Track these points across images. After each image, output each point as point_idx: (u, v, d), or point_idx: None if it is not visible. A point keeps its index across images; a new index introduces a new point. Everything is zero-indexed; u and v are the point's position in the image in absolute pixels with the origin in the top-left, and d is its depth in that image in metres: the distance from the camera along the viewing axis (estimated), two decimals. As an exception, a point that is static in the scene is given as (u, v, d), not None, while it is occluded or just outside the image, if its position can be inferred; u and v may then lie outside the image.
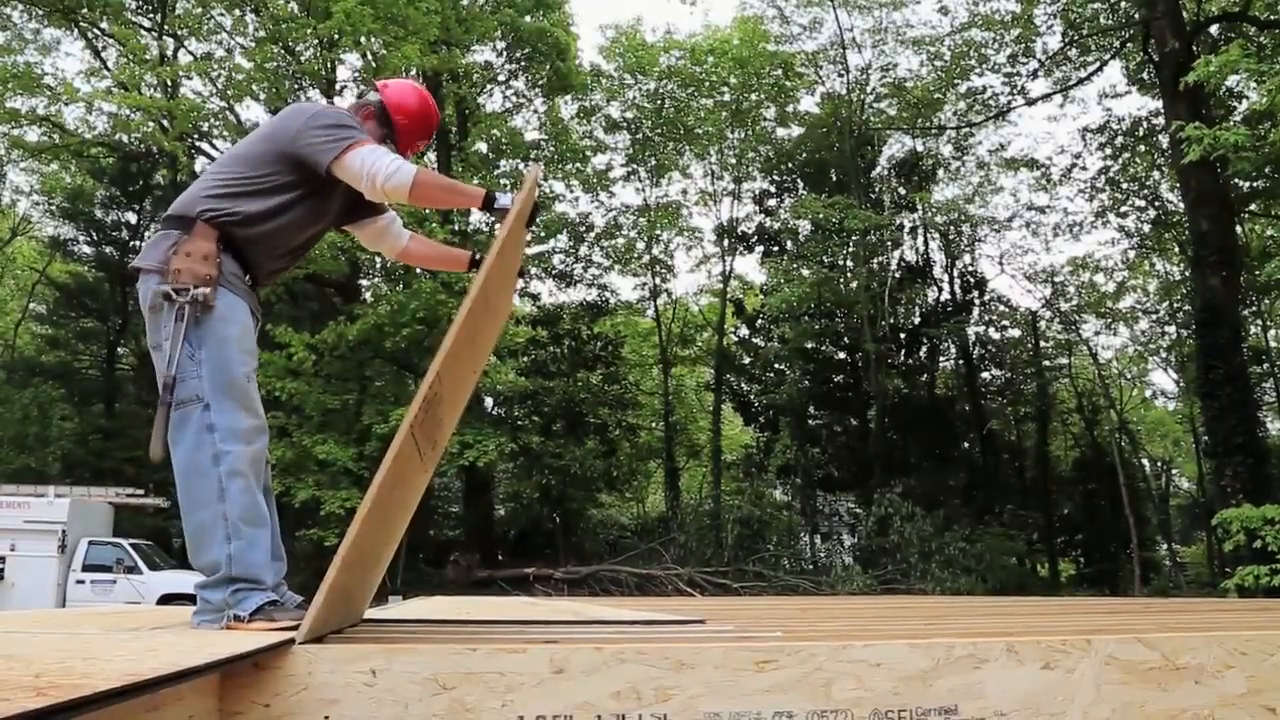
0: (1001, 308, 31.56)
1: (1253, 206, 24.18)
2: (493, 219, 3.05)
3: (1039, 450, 30.42)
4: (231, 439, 2.74)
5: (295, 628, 2.35)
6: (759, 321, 31.48)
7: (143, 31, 24.65)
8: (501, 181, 27.37)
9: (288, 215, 2.99)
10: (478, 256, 3.43)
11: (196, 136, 24.42)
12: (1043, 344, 31.28)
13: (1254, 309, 27.00)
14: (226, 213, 2.89)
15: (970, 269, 31.35)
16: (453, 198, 3.28)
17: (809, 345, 29.87)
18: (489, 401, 27.41)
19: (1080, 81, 26.73)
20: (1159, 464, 38.10)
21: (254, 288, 3.02)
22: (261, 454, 2.84)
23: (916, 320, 30.78)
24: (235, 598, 2.67)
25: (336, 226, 3.40)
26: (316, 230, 3.22)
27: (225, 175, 2.96)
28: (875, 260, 29.00)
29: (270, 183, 2.95)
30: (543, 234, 28.65)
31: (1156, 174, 27.51)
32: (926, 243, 31.20)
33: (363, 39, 23.29)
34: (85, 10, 23.56)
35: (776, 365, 30.75)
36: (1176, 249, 27.62)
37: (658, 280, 31.06)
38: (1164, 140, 24.00)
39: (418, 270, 23.11)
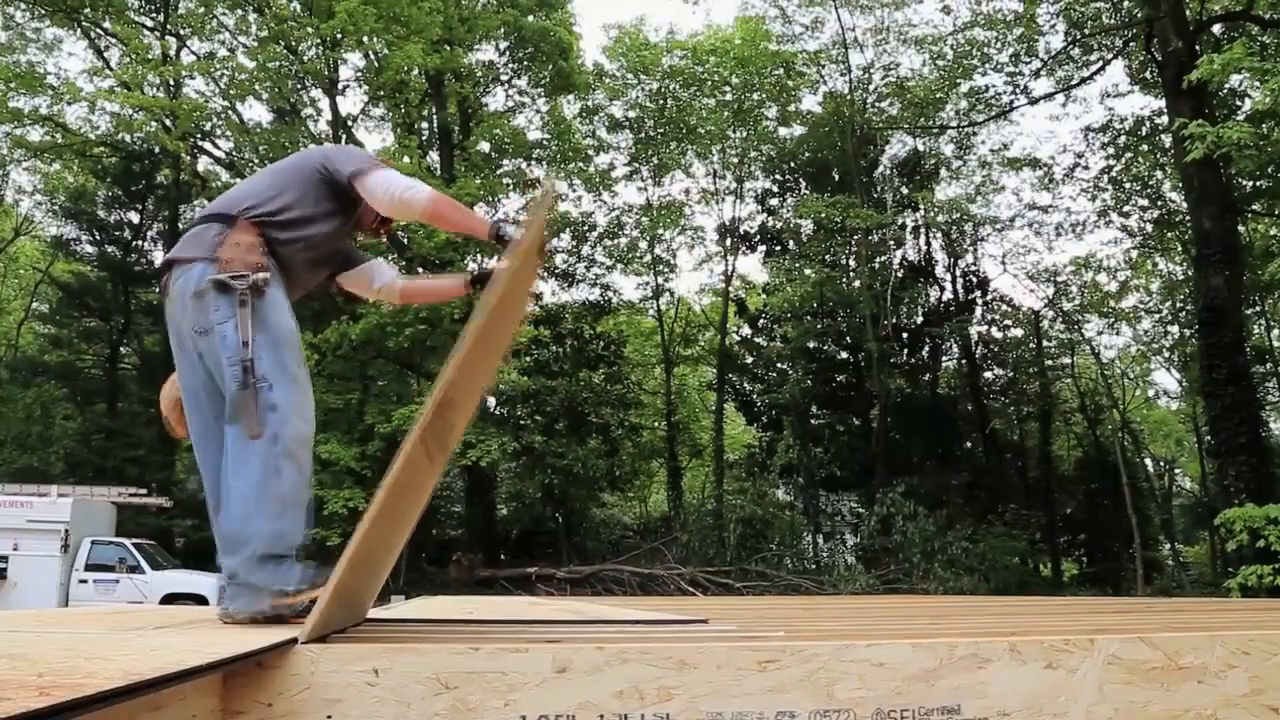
0: (1004, 307, 31.56)
1: (1256, 206, 24.13)
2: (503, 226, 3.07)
3: (1042, 450, 30.40)
4: (290, 420, 2.82)
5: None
6: (761, 321, 31.48)
7: (145, 31, 24.68)
8: (504, 181, 27.42)
9: (312, 237, 3.08)
10: (476, 273, 3.57)
11: (199, 136, 24.47)
12: (1045, 343, 31.25)
13: (1257, 308, 26.98)
14: (267, 212, 2.97)
15: (973, 268, 31.34)
16: (465, 220, 3.35)
17: (811, 344, 29.86)
18: (492, 401, 27.43)
19: (1083, 81, 26.72)
20: (1162, 463, 38.08)
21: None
22: (311, 438, 2.93)
23: (919, 320, 30.75)
24: (279, 574, 2.75)
25: (332, 276, 3.47)
26: (330, 247, 3.27)
27: (264, 188, 3.07)
28: (877, 260, 28.99)
29: (301, 201, 3.05)
30: (545, 232, 28.61)
31: (1159, 173, 27.48)
32: (929, 242, 31.19)
33: (365, 38, 23.32)
34: (88, 10, 23.59)
35: (779, 365, 30.74)
36: (1179, 248, 27.59)
37: (660, 280, 31.12)
38: (1167, 140, 23.97)
39: (420, 269, 23.12)
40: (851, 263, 29.41)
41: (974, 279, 31.11)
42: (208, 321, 2.84)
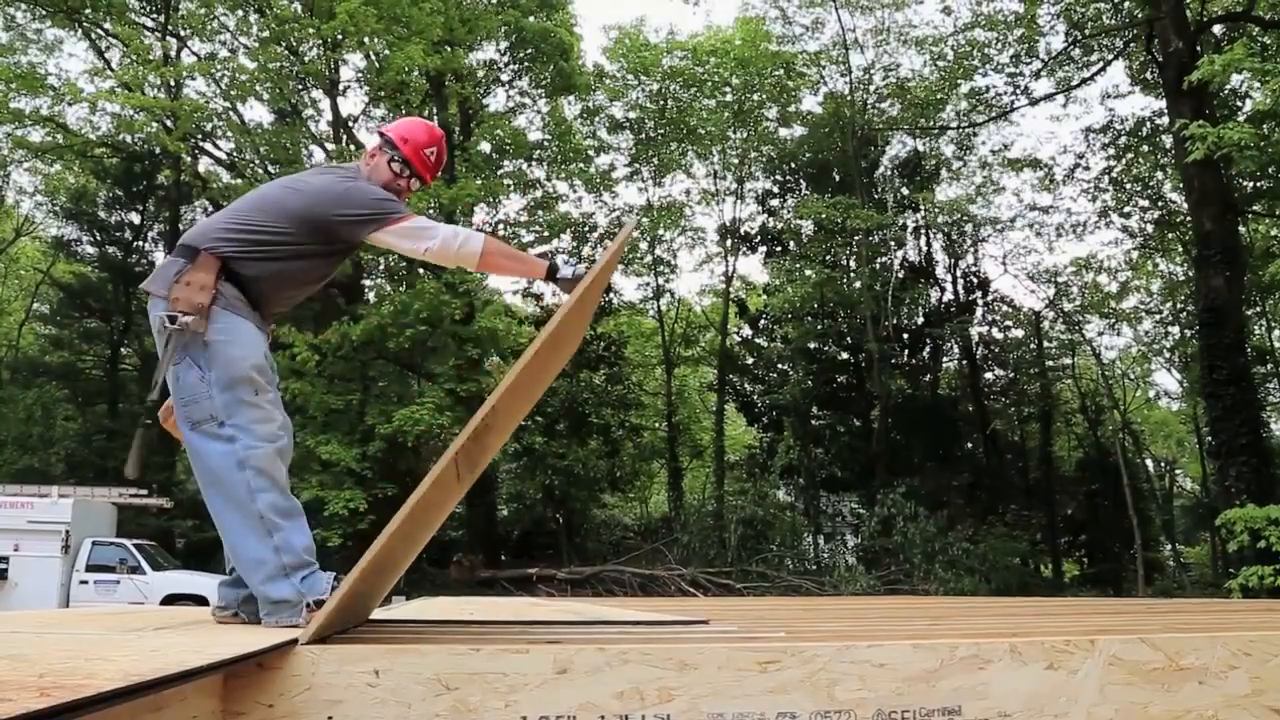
0: (1005, 308, 31.57)
1: (1256, 206, 24.14)
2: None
3: (1042, 450, 30.39)
4: (252, 443, 2.87)
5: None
6: (762, 321, 31.48)
7: (146, 32, 24.67)
8: (505, 182, 27.42)
9: (291, 271, 3.13)
10: (555, 267, 3.47)
11: (200, 137, 24.46)
12: (1046, 344, 31.24)
13: (1258, 309, 26.99)
14: (232, 254, 3.01)
15: (973, 269, 31.34)
16: (518, 266, 3.43)
17: (812, 345, 29.86)
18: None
19: (1083, 81, 26.72)
20: (1163, 464, 38.07)
21: (258, 310, 3.11)
22: (285, 451, 2.97)
23: (920, 320, 30.75)
24: (305, 584, 2.80)
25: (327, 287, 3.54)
26: (314, 288, 3.39)
27: (243, 220, 3.07)
28: (878, 260, 28.99)
29: (283, 239, 3.06)
30: (546, 234, 28.69)
31: (1160, 174, 27.49)
32: (929, 243, 31.20)
33: (366, 39, 23.31)
34: (89, 10, 23.59)
35: (779, 365, 30.75)
36: (1180, 249, 27.59)
37: (661, 280, 31.11)
38: (1167, 140, 23.97)
39: (420, 270, 23.13)
40: (852, 263, 29.41)
41: (974, 280, 31.13)
42: (167, 359, 2.95)
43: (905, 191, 29.89)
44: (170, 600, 16.27)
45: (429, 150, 3.33)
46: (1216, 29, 22.35)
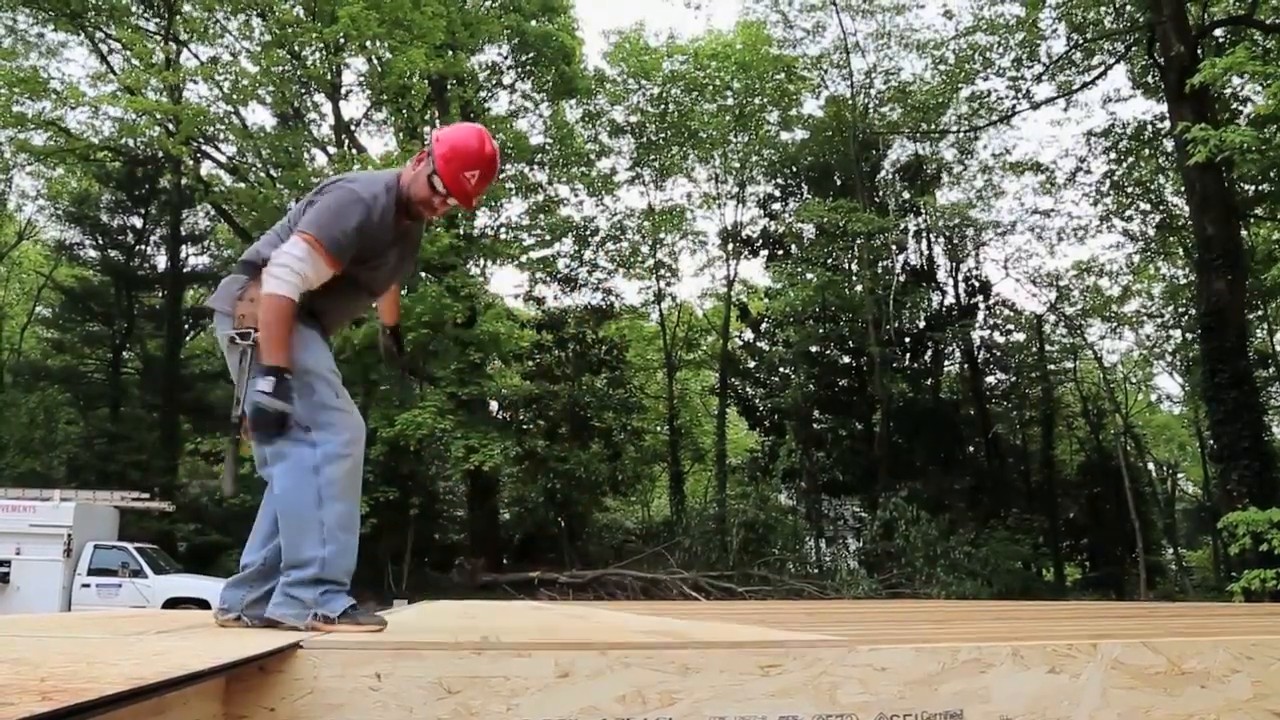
0: (1006, 312, 31.55)
1: (1258, 210, 24.11)
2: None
3: (1044, 454, 30.38)
4: (332, 450, 2.94)
5: (379, 632, 2.66)
6: (763, 325, 31.46)
7: (148, 36, 24.70)
8: (507, 186, 27.47)
9: (337, 284, 3.11)
10: (397, 329, 3.83)
11: (202, 140, 24.48)
12: (1048, 348, 31.22)
13: (1259, 312, 26.97)
14: None
15: (975, 273, 31.35)
16: (270, 337, 2.95)
17: (813, 349, 29.85)
18: (494, 405, 27.44)
19: (1085, 85, 26.68)
20: (1164, 468, 38.03)
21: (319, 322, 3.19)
22: (358, 465, 3.03)
23: (921, 324, 30.74)
24: (324, 599, 2.84)
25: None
26: (366, 299, 3.45)
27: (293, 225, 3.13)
28: (879, 264, 28.99)
29: None
30: (547, 237, 28.71)
31: (1161, 178, 27.46)
32: (930, 247, 31.21)
33: (368, 43, 23.34)
34: (91, 15, 23.62)
35: (781, 369, 30.74)
36: (1181, 253, 27.56)
37: (662, 284, 31.09)
38: (1169, 144, 23.97)
39: (423, 274, 23.17)
40: (853, 267, 29.39)
41: (976, 283, 31.13)
42: (244, 374, 3.00)
43: (906, 195, 29.91)
44: (172, 604, 16.25)
45: (470, 174, 3.16)
46: (1218, 32, 22.34)
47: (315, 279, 2.99)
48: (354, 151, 24.39)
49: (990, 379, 31.67)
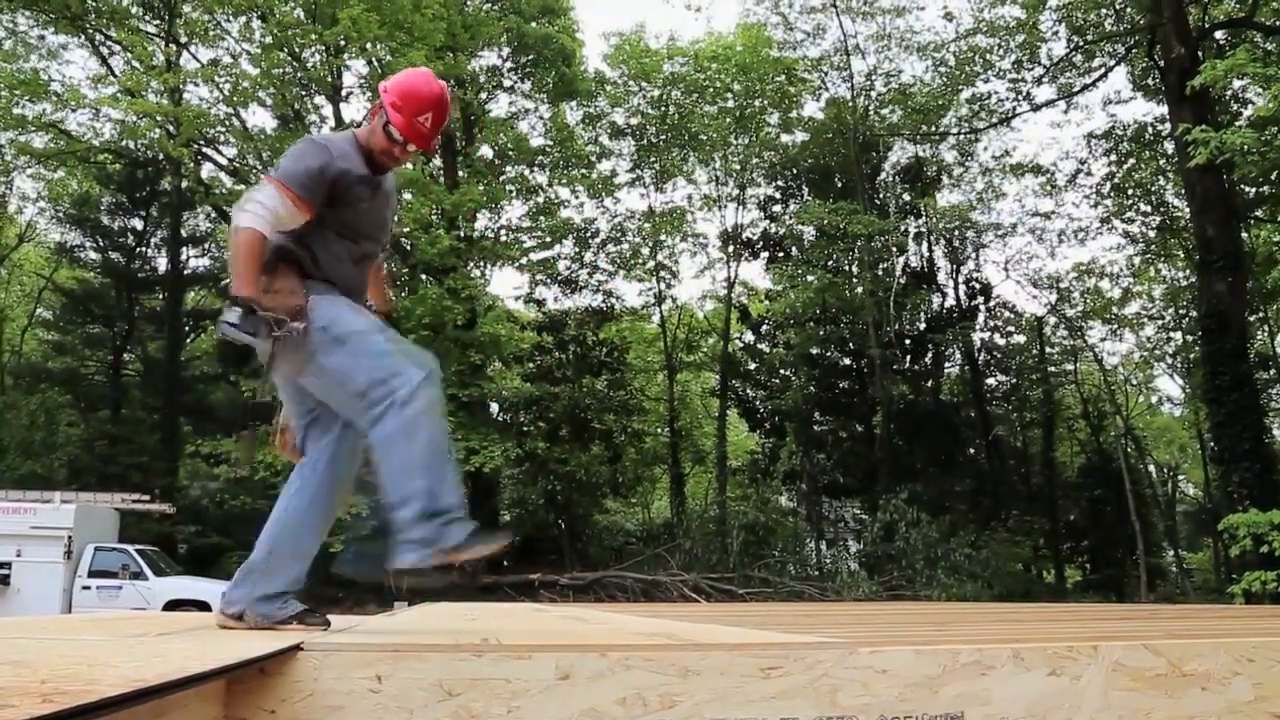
0: (1007, 313, 31.54)
1: (1259, 212, 24.12)
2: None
3: (1045, 456, 30.36)
4: (406, 391, 2.98)
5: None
6: (764, 327, 31.46)
7: (149, 38, 24.71)
8: (508, 188, 27.47)
9: (329, 241, 3.21)
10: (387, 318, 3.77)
11: (203, 142, 24.49)
12: (1048, 350, 31.22)
13: (1260, 314, 26.95)
14: (291, 250, 3.15)
15: (975, 275, 31.34)
16: (240, 268, 3.03)
17: (814, 351, 29.85)
18: (495, 407, 27.43)
19: (1085, 87, 26.71)
20: (1165, 470, 38.01)
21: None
22: (438, 397, 3.08)
23: (922, 326, 30.74)
24: (442, 530, 2.91)
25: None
26: (364, 244, 3.38)
27: None
28: (880, 266, 28.98)
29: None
30: (548, 239, 28.70)
31: (1162, 179, 27.47)
32: (931, 248, 31.20)
33: (369, 45, 23.35)
34: (92, 17, 23.63)
35: (781, 371, 30.72)
36: (1182, 255, 27.57)
37: (662, 286, 31.07)
38: (1169, 146, 23.98)
39: (423, 276, 23.16)
40: (854, 269, 29.38)
41: (976, 285, 31.12)
42: (293, 369, 3.09)
43: (907, 197, 29.90)
44: (173, 606, 16.25)
45: (423, 117, 3.25)
46: (1218, 34, 22.35)
47: (286, 217, 3.06)
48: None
49: (991, 381, 31.67)
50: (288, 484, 3.23)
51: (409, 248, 23.11)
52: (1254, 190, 23.14)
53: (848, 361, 30.62)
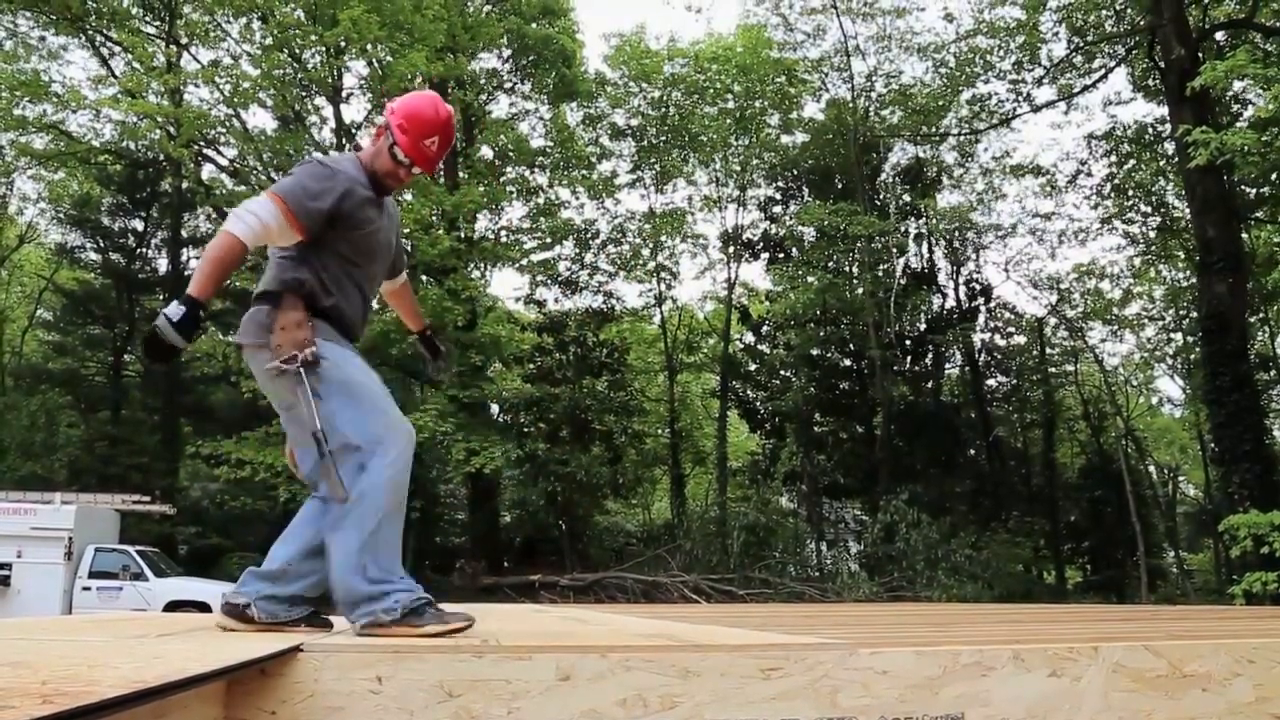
0: (1007, 314, 31.54)
1: (1259, 213, 24.12)
2: None
3: (1045, 457, 30.36)
4: (380, 469, 2.94)
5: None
6: (764, 328, 31.47)
7: (149, 39, 24.72)
8: (508, 189, 27.49)
9: (336, 271, 3.18)
10: (429, 332, 3.88)
11: (203, 143, 24.50)
12: (1049, 351, 31.22)
13: (1260, 315, 26.95)
14: (301, 281, 3.11)
15: (975, 276, 31.34)
16: (206, 270, 2.99)
17: (814, 352, 29.85)
18: (495, 408, 27.43)
19: (1085, 88, 26.70)
20: (1166, 471, 38.00)
21: (349, 338, 3.23)
22: (403, 470, 3.01)
23: (922, 327, 30.75)
24: (392, 606, 2.84)
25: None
26: (367, 268, 3.35)
27: (288, 249, 3.16)
28: (880, 267, 28.98)
29: (313, 245, 3.15)
30: (548, 240, 28.71)
31: (1162, 180, 27.46)
32: (931, 249, 31.20)
33: (369, 46, 23.35)
34: (93, 18, 23.64)
35: (782, 372, 30.74)
36: (1182, 256, 27.57)
37: (663, 287, 31.07)
38: (1169, 146, 23.97)
39: (423, 277, 23.17)
40: (854, 270, 29.38)
41: (977, 286, 31.13)
42: (285, 402, 3.09)
43: (907, 198, 29.91)
44: (173, 607, 16.25)
45: (429, 141, 3.25)
46: (1219, 35, 22.35)
47: (278, 233, 3.03)
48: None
49: (991, 382, 31.68)
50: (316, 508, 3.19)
51: (409, 249, 23.12)
52: (1254, 191, 23.15)
53: (848, 362, 30.63)
